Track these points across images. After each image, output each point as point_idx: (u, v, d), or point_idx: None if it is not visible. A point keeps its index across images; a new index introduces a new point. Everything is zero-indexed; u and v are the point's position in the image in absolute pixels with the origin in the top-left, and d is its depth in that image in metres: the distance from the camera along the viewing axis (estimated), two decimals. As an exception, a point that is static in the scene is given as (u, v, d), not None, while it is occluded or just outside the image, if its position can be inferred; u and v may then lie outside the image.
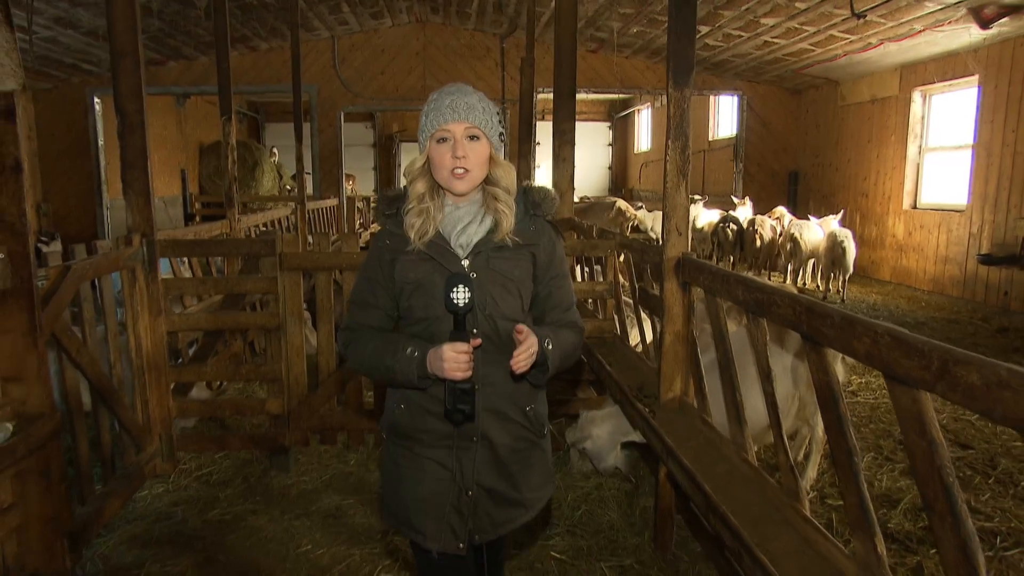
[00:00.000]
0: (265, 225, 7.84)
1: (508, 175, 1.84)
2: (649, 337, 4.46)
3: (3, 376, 2.97)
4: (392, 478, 1.95)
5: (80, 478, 3.41)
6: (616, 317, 4.48)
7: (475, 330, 1.77)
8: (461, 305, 1.68)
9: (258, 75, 12.56)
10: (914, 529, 3.27)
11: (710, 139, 16.76)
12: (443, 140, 1.76)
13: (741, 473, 2.50)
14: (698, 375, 3.09)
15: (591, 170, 24.25)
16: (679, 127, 3.01)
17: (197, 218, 13.45)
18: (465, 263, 1.81)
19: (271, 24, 11.03)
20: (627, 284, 4.43)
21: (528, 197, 1.89)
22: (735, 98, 13.64)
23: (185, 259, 5.74)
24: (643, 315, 4.40)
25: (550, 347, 1.78)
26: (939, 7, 7.20)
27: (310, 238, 8.14)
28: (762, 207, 11.74)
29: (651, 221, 11.38)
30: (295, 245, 4.24)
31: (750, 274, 8.78)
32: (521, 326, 1.72)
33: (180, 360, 4.92)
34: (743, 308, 2.51)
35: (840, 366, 3.46)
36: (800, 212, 11.76)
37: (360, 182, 19.68)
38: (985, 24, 7.03)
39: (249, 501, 3.91)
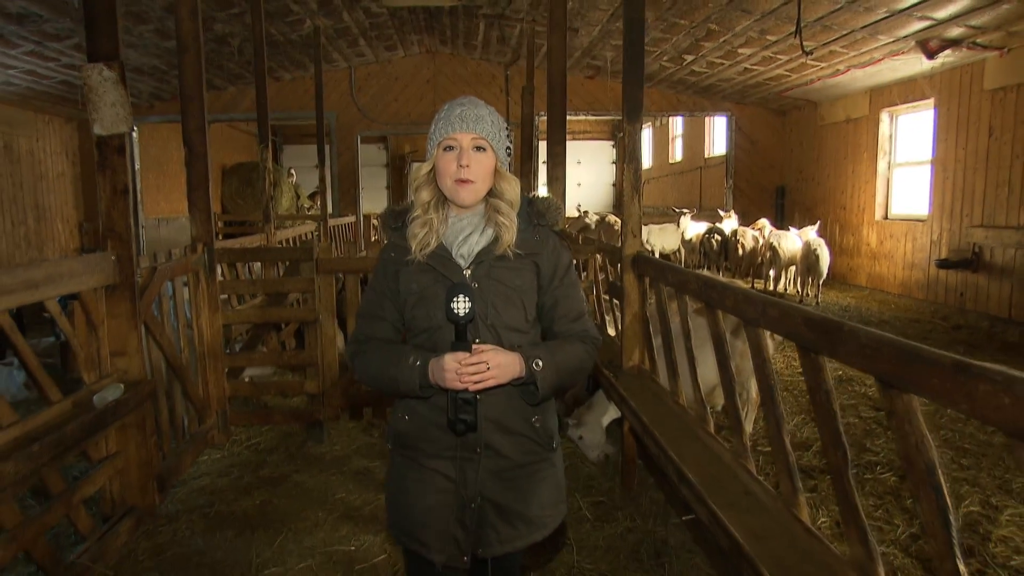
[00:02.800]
0: (294, 239, 8.77)
1: (512, 188, 1.84)
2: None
3: (112, 351, 3.86)
4: (397, 489, 1.94)
5: (161, 437, 4.27)
6: (596, 309, 5.35)
7: (477, 340, 1.75)
8: (462, 315, 1.68)
9: (282, 102, 13.56)
10: (819, 464, 4.13)
11: (706, 156, 17.62)
12: (450, 148, 1.78)
13: (672, 411, 3.36)
14: (650, 347, 3.95)
15: (596, 187, 24.79)
16: (632, 154, 3.88)
17: (220, 236, 14.40)
18: (467, 273, 1.81)
19: (295, 57, 12.06)
20: (605, 281, 5.31)
21: (532, 207, 1.89)
22: (725, 118, 14.55)
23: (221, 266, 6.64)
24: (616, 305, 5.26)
25: (539, 366, 1.75)
26: (891, 39, 8.09)
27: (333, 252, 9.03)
28: (750, 220, 12.58)
29: (646, 234, 12.22)
30: (329, 252, 5.12)
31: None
32: (482, 347, 1.72)
33: (228, 351, 5.81)
34: (673, 288, 3.37)
35: (769, 342, 4.31)
36: (787, 224, 12.59)
37: (373, 201, 20.63)
38: (931, 55, 7.90)
39: (292, 464, 4.73)
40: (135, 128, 13.11)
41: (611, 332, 5.36)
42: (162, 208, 14.78)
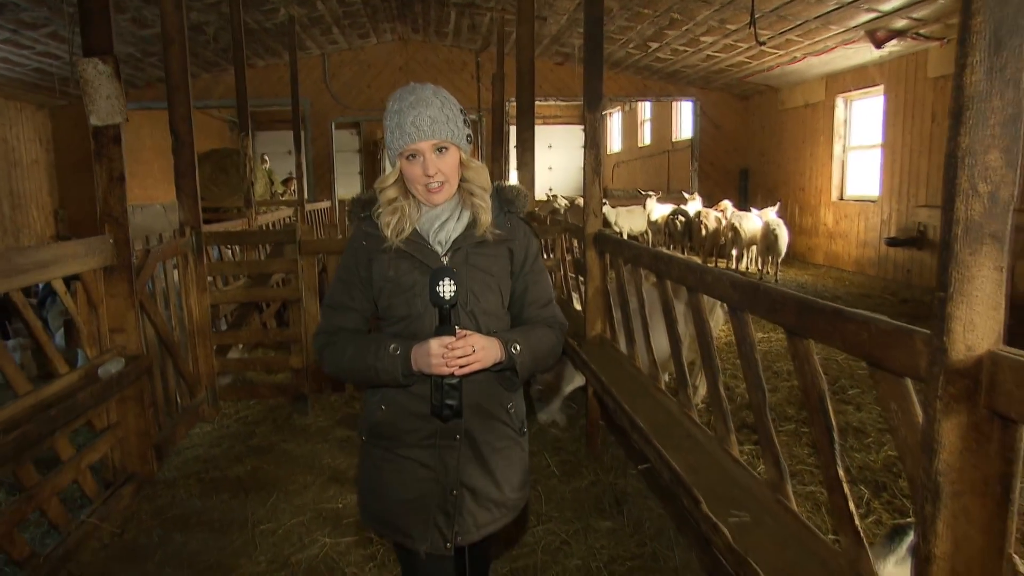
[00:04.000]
0: (272, 224, 9.00)
1: (481, 175, 1.85)
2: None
3: (111, 328, 4.12)
4: (373, 481, 1.92)
5: (157, 410, 4.55)
6: (564, 286, 5.72)
7: (457, 326, 1.73)
8: (447, 298, 1.68)
9: (255, 89, 13.63)
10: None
11: (673, 140, 18.04)
12: (413, 157, 1.78)
13: (629, 373, 3.74)
14: (611, 317, 4.33)
15: (568, 171, 24.99)
16: (592, 139, 4.23)
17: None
18: (444, 260, 1.81)
19: (268, 45, 12.20)
20: (571, 259, 5.68)
21: (501, 195, 1.91)
22: (690, 103, 14.97)
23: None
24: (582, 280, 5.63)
25: (517, 350, 1.77)
26: (843, 29, 8.54)
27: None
28: (715, 202, 13.04)
29: (614, 216, 12.61)
30: (310, 234, 5.41)
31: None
32: (463, 332, 1.72)
33: (215, 330, 6.07)
34: (630, 262, 3.75)
35: (719, 312, 4.72)
36: (750, 205, 13.08)
37: (346, 186, 20.70)
38: (879, 44, 8.36)
39: (279, 434, 5.03)
40: (108, 115, 13.14)
41: (577, 307, 5.73)
42: (136, 195, 14.76)
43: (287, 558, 3.40)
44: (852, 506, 1.88)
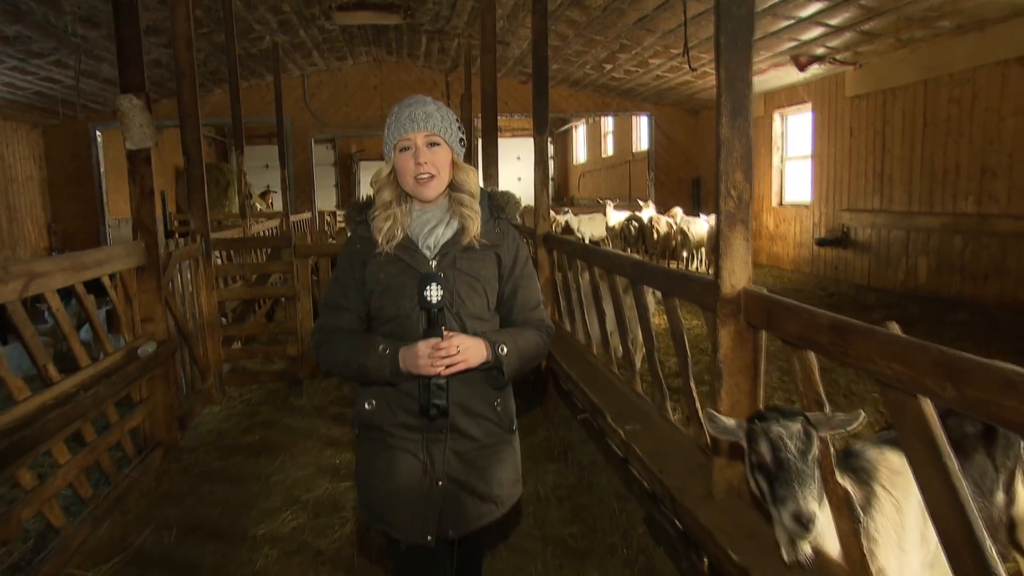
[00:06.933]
0: (262, 233, 9.82)
1: (470, 178, 1.92)
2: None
3: (142, 318, 4.94)
4: (365, 471, 2.00)
5: (179, 388, 5.35)
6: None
7: (444, 328, 1.79)
8: (434, 302, 1.76)
9: (237, 108, 14.54)
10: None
11: (633, 151, 19.11)
12: (405, 149, 1.85)
13: (574, 348, 4.68)
14: (559, 304, 5.27)
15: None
16: (540, 157, 5.17)
17: (176, 235, 15.15)
18: (433, 263, 1.86)
19: (252, 67, 13.03)
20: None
21: (492, 201, 1.98)
22: (646, 118, 16.08)
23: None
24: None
25: (504, 351, 1.83)
26: (771, 54, 9.63)
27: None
28: (669, 208, 14.09)
29: (576, 223, 13.59)
30: (304, 240, 6.27)
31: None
32: (450, 333, 1.78)
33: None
34: (566, 255, 4.69)
35: (651, 298, 5.68)
36: (700, 211, 14.14)
37: (323, 199, 21.45)
38: (802, 68, 9.48)
39: (280, 412, 5.82)
40: (99, 133, 13.86)
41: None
42: (122, 209, 15.45)
43: (297, 497, 4.23)
44: (698, 404, 2.83)
